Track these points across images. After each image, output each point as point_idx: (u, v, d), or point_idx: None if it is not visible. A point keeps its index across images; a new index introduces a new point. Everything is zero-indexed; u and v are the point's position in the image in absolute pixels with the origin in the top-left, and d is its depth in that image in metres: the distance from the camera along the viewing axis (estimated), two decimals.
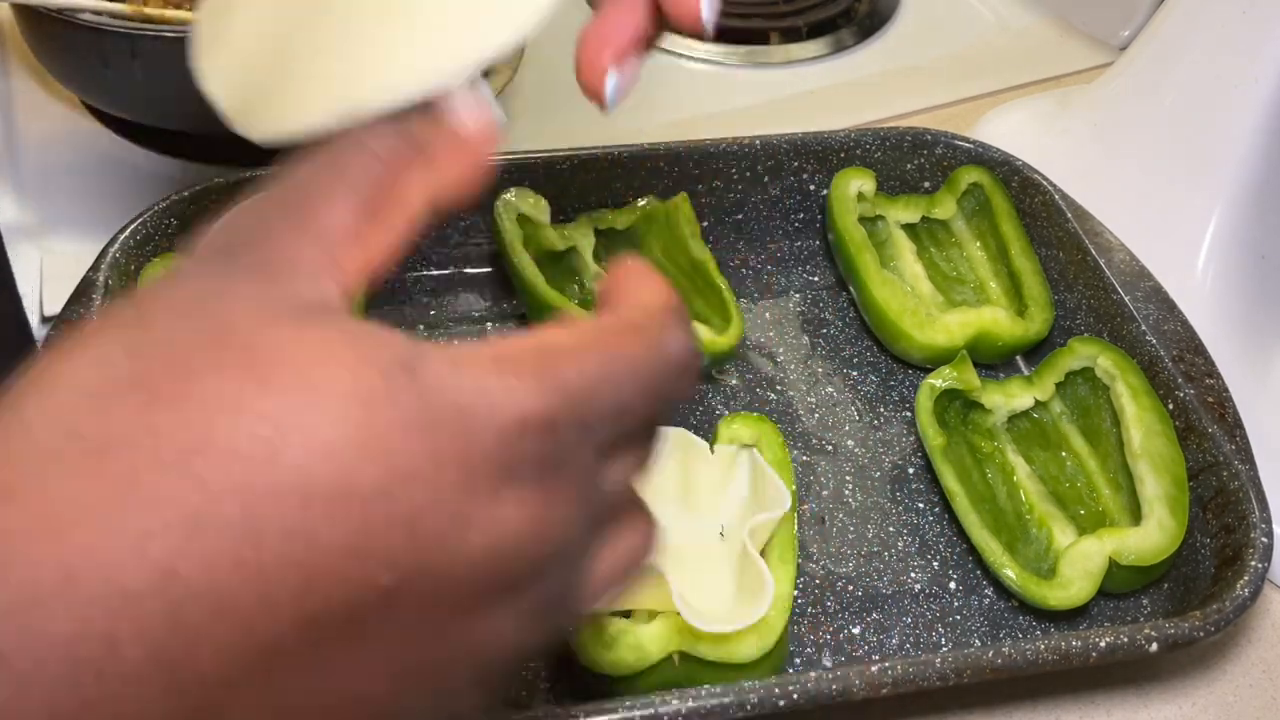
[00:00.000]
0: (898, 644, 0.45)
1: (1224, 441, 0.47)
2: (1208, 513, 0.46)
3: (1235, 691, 0.45)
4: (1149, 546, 0.45)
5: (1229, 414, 0.49)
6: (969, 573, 0.48)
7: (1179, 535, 0.45)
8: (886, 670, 0.39)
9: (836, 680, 0.38)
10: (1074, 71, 0.75)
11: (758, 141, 0.59)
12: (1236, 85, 0.56)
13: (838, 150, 0.60)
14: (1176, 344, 0.52)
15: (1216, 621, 0.41)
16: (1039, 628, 0.46)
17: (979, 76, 0.72)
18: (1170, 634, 0.41)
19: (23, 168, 0.65)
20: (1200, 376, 0.50)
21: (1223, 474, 0.46)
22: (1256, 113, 0.55)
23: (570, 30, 0.56)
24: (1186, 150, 0.57)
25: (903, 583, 0.47)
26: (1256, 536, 0.44)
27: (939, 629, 0.46)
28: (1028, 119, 0.67)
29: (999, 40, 0.77)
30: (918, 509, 0.50)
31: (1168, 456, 0.47)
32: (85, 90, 0.65)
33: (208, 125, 0.69)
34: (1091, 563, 0.45)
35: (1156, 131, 0.59)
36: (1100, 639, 0.40)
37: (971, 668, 0.39)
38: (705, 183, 0.59)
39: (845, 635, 0.45)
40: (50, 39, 0.63)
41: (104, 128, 0.67)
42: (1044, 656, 0.40)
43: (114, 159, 0.66)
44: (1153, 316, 0.53)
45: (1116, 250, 0.56)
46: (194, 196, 0.54)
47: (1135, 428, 0.48)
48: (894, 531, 0.49)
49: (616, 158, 0.58)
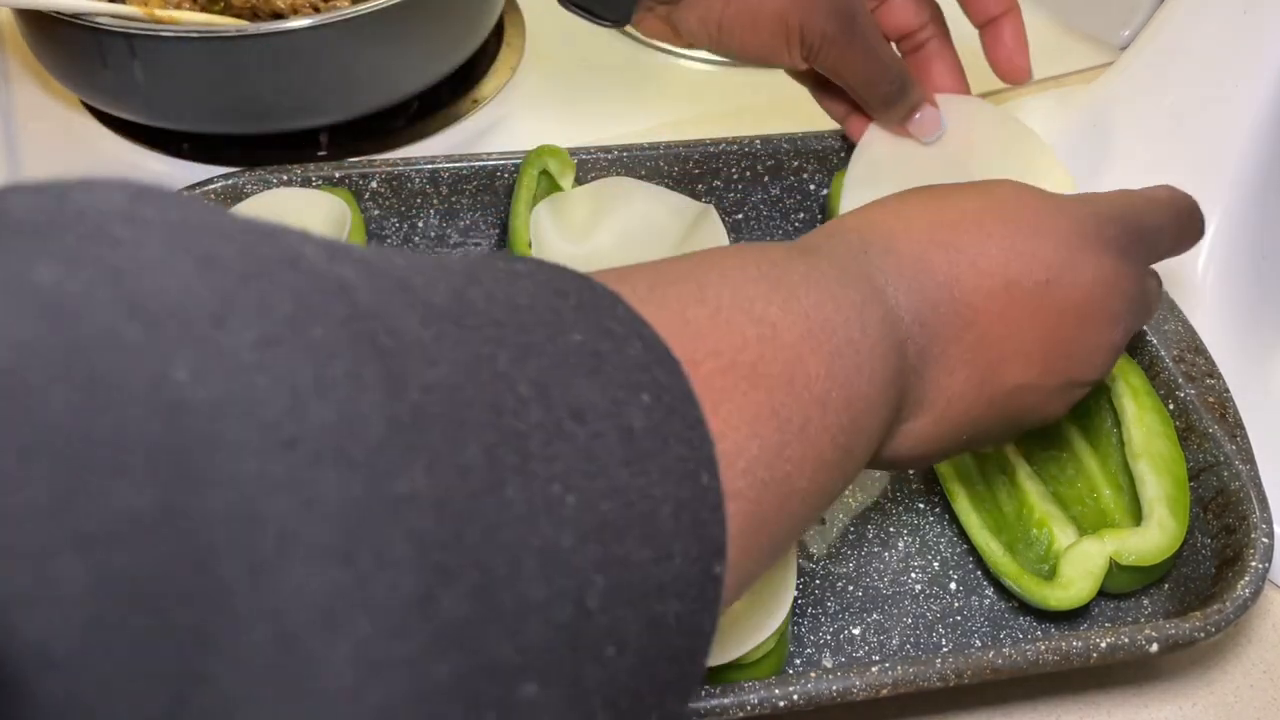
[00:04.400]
0: (898, 644, 0.45)
1: (1225, 442, 0.47)
2: (1208, 513, 0.46)
3: (1236, 692, 0.45)
4: (1150, 547, 0.45)
5: (1230, 414, 0.49)
6: (969, 573, 0.48)
7: (1180, 536, 0.45)
8: (887, 671, 0.39)
9: (836, 681, 0.38)
10: (1074, 71, 0.75)
11: (758, 141, 0.59)
12: (1236, 85, 0.56)
13: (838, 150, 0.60)
14: (1177, 344, 0.52)
15: (1217, 622, 0.41)
16: (1039, 628, 0.46)
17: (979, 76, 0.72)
18: (1171, 634, 0.40)
19: (23, 168, 0.65)
20: (1201, 377, 0.50)
21: (1223, 474, 0.46)
22: (1256, 113, 0.55)
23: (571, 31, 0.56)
24: (1186, 150, 0.57)
25: (903, 583, 0.47)
26: (1257, 537, 0.44)
27: (939, 629, 0.46)
28: (1028, 119, 0.66)
29: None
30: (918, 509, 0.50)
31: (1168, 457, 0.47)
32: (85, 90, 0.65)
33: (208, 125, 0.69)
34: (1092, 563, 0.44)
35: (1156, 131, 0.59)
36: (1101, 640, 0.40)
37: (972, 668, 0.39)
38: (705, 183, 0.59)
39: (845, 636, 0.45)
40: (50, 39, 0.63)
41: (104, 128, 0.67)
42: (1044, 657, 0.40)
43: (114, 159, 0.66)
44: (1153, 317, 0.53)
45: None
46: (194, 197, 0.54)
47: (1136, 428, 0.48)
48: (894, 531, 0.49)
49: (616, 158, 0.58)
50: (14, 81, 0.70)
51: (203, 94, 0.62)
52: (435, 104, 0.70)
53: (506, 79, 0.72)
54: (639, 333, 0.27)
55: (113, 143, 0.67)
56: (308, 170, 0.55)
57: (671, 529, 0.25)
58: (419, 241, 0.57)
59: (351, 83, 0.63)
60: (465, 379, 0.22)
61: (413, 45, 0.64)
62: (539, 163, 0.56)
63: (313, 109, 0.64)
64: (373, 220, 0.57)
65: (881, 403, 0.34)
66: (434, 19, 0.64)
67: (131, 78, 0.61)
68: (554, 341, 0.25)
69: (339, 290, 0.21)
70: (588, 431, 0.24)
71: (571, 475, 0.23)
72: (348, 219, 0.53)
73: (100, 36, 0.59)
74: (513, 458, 0.22)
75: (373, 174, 0.56)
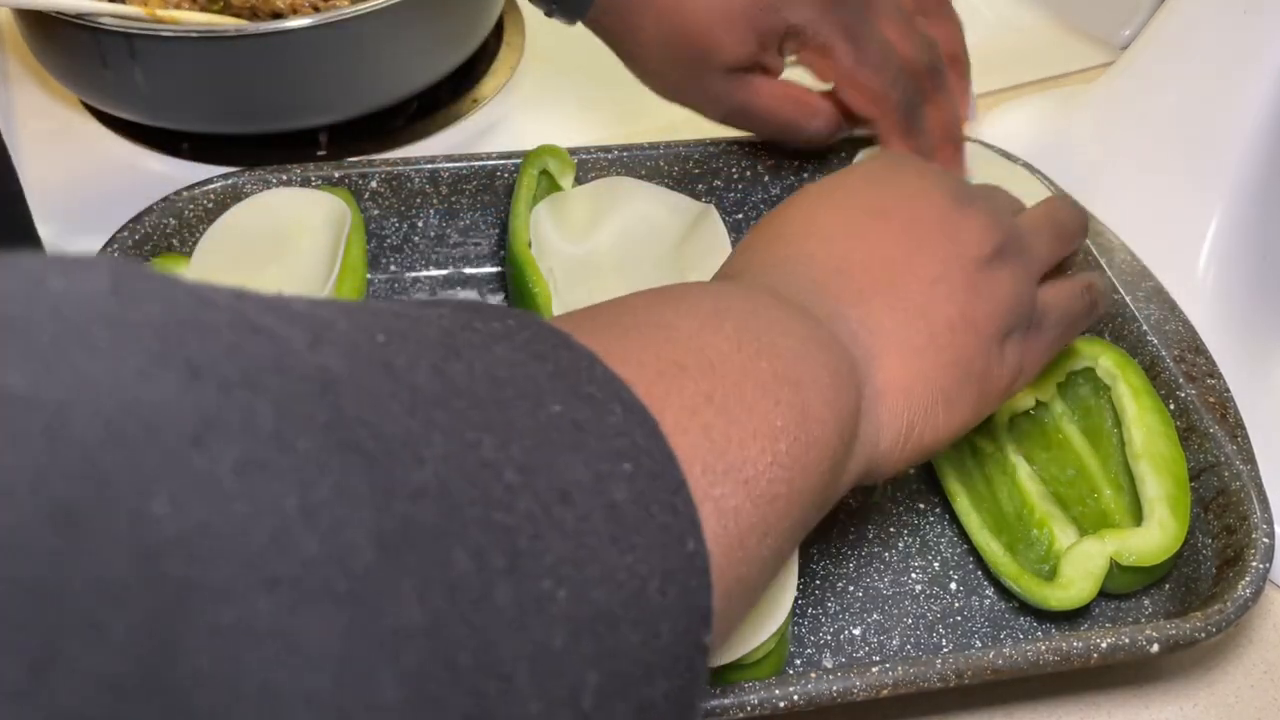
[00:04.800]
0: (898, 645, 0.45)
1: (1225, 442, 0.47)
2: (1209, 513, 0.46)
3: (1236, 692, 0.45)
4: (1150, 547, 0.45)
5: (1230, 414, 0.49)
6: (970, 573, 0.48)
7: (1180, 536, 0.45)
8: (887, 671, 0.39)
9: (837, 681, 0.38)
10: (1074, 71, 0.75)
11: (758, 141, 0.59)
12: (1237, 85, 0.56)
13: (838, 150, 0.60)
14: (1178, 344, 0.52)
15: (1218, 622, 0.41)
16: (1040, 628, 0.46)
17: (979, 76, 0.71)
18: (1171, 635, 0.40)
19: (23, 168, 0.64)
20: (1201, 377, 0.50)
21: (1224, 474, 0.46)
22: (1257, 112, 0.55)
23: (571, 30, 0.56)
24: (1187, 150, 0.57)
25: (903, 583, 0.47)
26: (1258, 537, 0.44)
27: (940, 630, 0.46)
28: (1028, 119, 0.66)
29: (999, 40, 0.77)
30: (918, 509, 0.50)
31: (1169, 457, 0.47)
32: (85, 90, 0.65)
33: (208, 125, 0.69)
34: (1093, 563, 0.44)
35: (1157, 131, 0.59)
36: (1101, 640, 0.40)
37: (972, 669, 0.39)
38: (705, 182, 0.59)
39: (846, 636, 0.45)
40: (50, 39, 0.63)
41: (104, 128, 0.67)
42: (1045, 658, 0.40)
43: (114, 159, 0.66)
44: (1154, 317, 0.53)
45: (1117, 250, 0.56)
46: (194, 197, 0.54)
47: (1136, 428, 0.48)
48: (894, 531, 0.49)
49: (616, 158, 0.58)
50: (14, 81, 0.70)
51: (203, 94, 0.62)
52: (435, 104, 0.70)
53: (506, 79, 0.72)
54: (618, 395, 0.27)
55: (113, 143, 0.67)
56: (307, 170, 0.55)
57: (659, 605, 0.24)
58: (418, 241, 0.57)
59: (351, 83, 0.63)
60: (452, 474, 0.22)
61: (412, 45, 0.64)
62: (539, 163, 0.56)
63: (312, 109, 0.64)
64: (372, 220, 0.57)
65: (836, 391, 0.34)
66: (434, 19, 0.64)
67: (131, 78, 0.61)
68: (534, 416, 0.24)
69: (322, 390, 0.20)
70: (575, 515, 0.24)
71: (561, 566, 0.23)
72: (347, 219, 0.53)
73: (100, 36, 0.59)
74: (501, 560, 0.22)
75: (372, 174, 0.56)
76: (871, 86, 0.52)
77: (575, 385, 0.26)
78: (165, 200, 0.53)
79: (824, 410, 0.32)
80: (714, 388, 0.30)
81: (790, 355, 0.32)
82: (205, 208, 0.54)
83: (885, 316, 0.38)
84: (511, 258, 0.54)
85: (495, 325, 0.27)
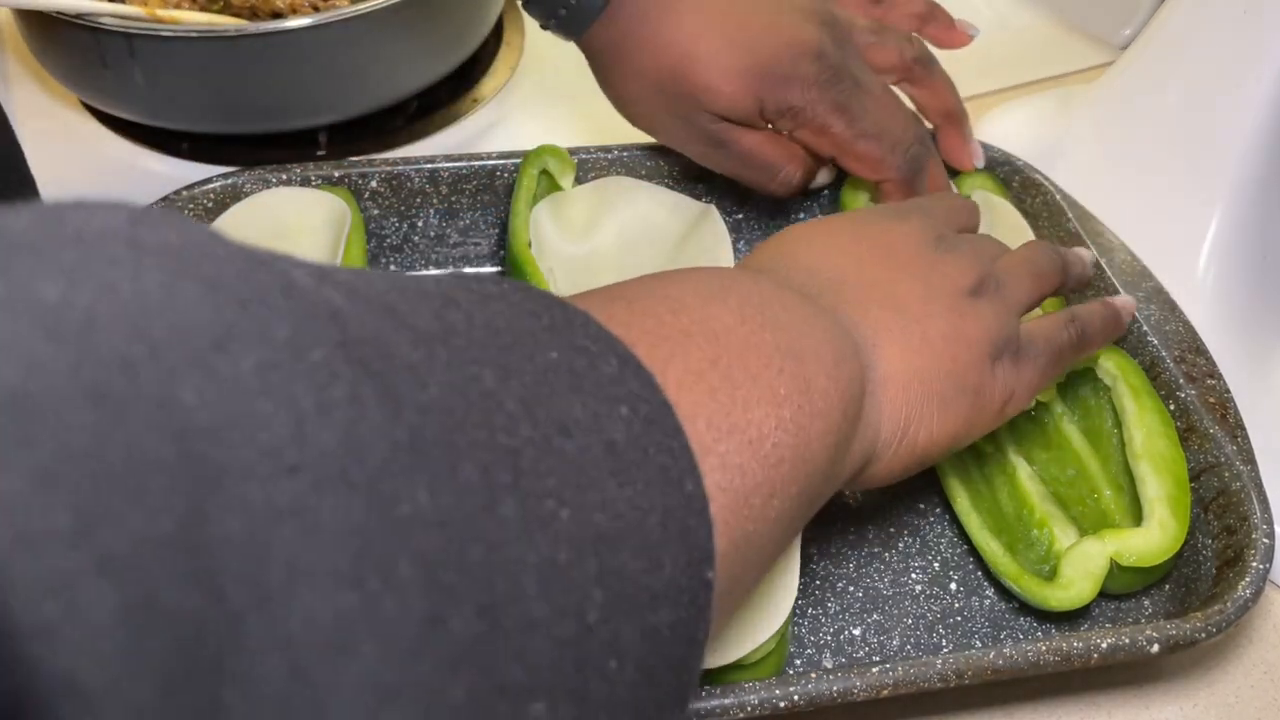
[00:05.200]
0: (898, 645, 0.45)
1: (1225, 442, 0.47)
2: (1209, 514, 0.46)
3: (1236, 692, 0.45)
4: (1150, 547, 0.45)
5: (1230, 415, 0.49)
6: (970, 574, 0.48)
7: (1180, 536, 0.45)
8: (887, 672, 0.39)
9: (837, 682, 0.38)
10: (1074, 71, 0.75)
11: None
12: (1237, 85, 0.56)
13: None
14: (1178, 344, 0.52)
15: (1218, 623, 0.41)
16: (1040, 629, 0.46)
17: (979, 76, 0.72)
18: (1171, 635, 0.40)
19: None
20: (1202, 377, 0.50)
21: (1224, 475, 0.46)
22: (1257, 112, 0.55)
23: None
24: (1187, 150, 0.57)
25: (903, 583, 0.47)
26: (1258, 538, 0.44)
27: (940, 630, 0.46)
28: (1028, 119, 0.66)
29: (999, 40, 0.77)
30: (918, 509, 0.50)
31: (1169, 457, 0.47)
32: (85, 90, 0.65)
33: (207, 125, 0.69)
34: (1093, 564, 0.44)
35: (1157, 131, 0.59)
36: (1101, 640, 0.40)
37: (973, 669, 0.39)
38: (705, 182, 0.59)
39: (846, 636, 0.45)
40: (50, 39, 0.63)
41: (104, 128, 0.67)
42: (1045, 658, 0.40)
43: (114, 159, 0.66)
44: (1154, 317, 0.53)
45: (1118, 250, 0.56)
46: (194, 196, 0.54)
47: (1137, 428, 0.48)
48: (894, 531, 0.49)
49: (616, 158, 0.58)
50: (14, 81, 0.70)
51: (202, 94, 0.62)
52: (435, 104, 0.70)
53: (506, 79, 0.72)
54: (613, 349, 0.28)
55: (113, 143, 0.67)
56: (307, 170, 0.55)
57: (660, 538, 0.25)
58: (418, 241, 0.57)
59: (351, 82, 0.63)
60: (456, 399, 0.23)
61: (412, 45, 0.64)
62: (539, 162, 0.56)
63: (312, 109, 0.64)
64: (372, 220, 0.57)
65: (840, 384, 0.35)
66: (434, 19, 0.64)
67: (131, 78, 0.61)
68: (533, 360, 0.25)
69: (330, 315, 0.21)
70: (575, 446, 0.24)
71: (564, 490, 0.24)
72: (347, 218, 0.53)
73: (100, 36, 0.59)
74: (506, 475, 0.23)
75: (372, 174, 0.56)
76: (871, 155, 0.54)
77: (570, 338, 0.27)
78: (165, 200, 0.53)
79: (827, 383, 0.33)
80: (719, 354, 0.30)
81: (793, 330, 0.33)
82: (205, 208, 0.54)
83: (884, 318, 0.39)
84: (511, 258, 0.54)
85: (490, 288, 0.28)
